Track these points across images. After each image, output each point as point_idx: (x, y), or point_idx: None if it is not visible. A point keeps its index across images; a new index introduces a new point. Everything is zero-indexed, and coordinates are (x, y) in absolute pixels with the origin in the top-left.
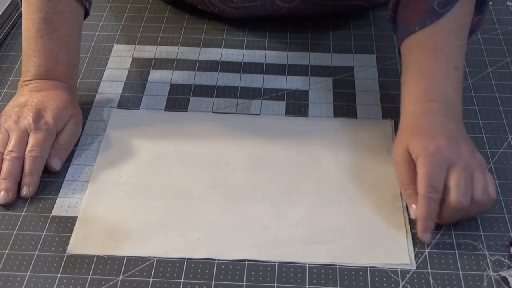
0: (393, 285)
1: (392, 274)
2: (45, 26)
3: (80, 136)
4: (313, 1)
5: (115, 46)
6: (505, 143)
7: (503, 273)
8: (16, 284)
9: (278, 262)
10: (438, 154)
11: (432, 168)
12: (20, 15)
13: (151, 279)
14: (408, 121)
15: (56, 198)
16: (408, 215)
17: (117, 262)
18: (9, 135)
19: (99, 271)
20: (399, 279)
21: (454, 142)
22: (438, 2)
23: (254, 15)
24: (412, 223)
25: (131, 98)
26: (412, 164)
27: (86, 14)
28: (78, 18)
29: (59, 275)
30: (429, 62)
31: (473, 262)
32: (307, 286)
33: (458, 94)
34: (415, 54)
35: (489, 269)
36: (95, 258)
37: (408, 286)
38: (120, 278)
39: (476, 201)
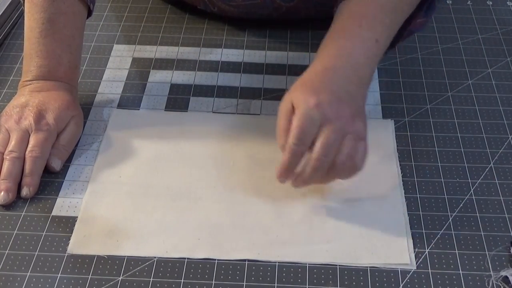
0: (393, 285)
1: (392, 274)
2: (49, 26)
3: (81, 136)
4: (313, 0)
5: (115, 46)
6: (505, 143)
7: (503, 273)
8: (16, 284)
9: (278, 262)
10: (314, 109)
11: (305, 121)
12: (20, 15)
13: (151, 279)
14: (306, 74)
15: (56, 198)
16: (408, 215)
17: (117, 262)
18: (9, 135)
19: (99, 271)
20: (399, 279)
21: (337, 102)
22: None
23: (253, 15)
24: (413, 223)
25: (131, 98)
26: (291, 115)
27: (89, 14)
28: (81, 19)
29: (59, 275)
30: (352, 27)
31: (474, 262)
32: (307, 286)
33: (369, 62)
34: (342, 19)
35: (490, 269)
36: (95, 258)
37: (409, 286)
38: (120, 278)
39: (337, 164)
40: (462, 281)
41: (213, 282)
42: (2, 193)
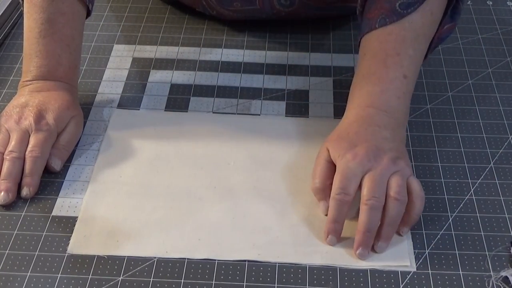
0: (393, 286)
1: (392, 276)
2: (48, 26)
3: (81, 136)
4: (312, 6)
5: (115, 46)
6: (505, 143)
7: (503, 273)
8: (16, 284)
9: (278, 263)
10: (353, 161)
11: (345, 172)
12: (20, 15)
13: (151, 279)
14: (342, 125)
15: (57, 198)
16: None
17: (117, 262)
18: (9, 135)
19: (99, 271)
20: (399, 281)
21: (374, 151)
22: (400, 3)
23: (253, 18)
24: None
25: (132, 98)
26: (329, 163)
27: (88, 14)
28: (80, 19)
29: (59, 275)
30: (377, 69)
31: (474, 262)
32: (307, 287)
33: (402, 101)
34: (367, 60)
35: (490, 269)
36: (95, 258)
37: (409, 287)
38: (120, 278)
39: (393, 198)
40: (462, 281)
41: (213, 282)
42: (2, 193)
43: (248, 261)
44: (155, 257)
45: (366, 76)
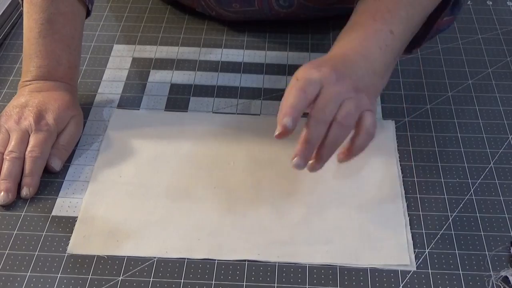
0: (393, 285)
1: (392, 275)
2: (48, 26)
3: (81, 136)
4: (311, 7)
5: (115, 46)
6: (505, 143)
7: (503, 273)
8: (16, 284)
9: (278, 263)
10: (317, 73)
11: (304, 82)
12: (20, 15)
13: (151, 279)
14: (316, 60)
15: (56, 198)
16: (408, 215)
17: (117, 262)
18: (9, 136)
19: (99, 271)
20: (399, 280)
21: (339, 73)
22: None
23: (252, 19)
24: (413, 223)
25: (131, 98)
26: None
27: (88, 14)
28: (80, 19)
29: (59, 275)
30: (365, 21)
31: (473, 262)
32: (307, 286)
33: (383, 53)
34: (357, 15)
35: (490, 269)
36: (95, 258)
37: (409, 286)
38: (120, 278)
39: (337, 122)
40: (462, 281)
41: (213, 282)
42: (2, 193)
43: (248, 261)
44: (155, 257)
45: (353, 25)
